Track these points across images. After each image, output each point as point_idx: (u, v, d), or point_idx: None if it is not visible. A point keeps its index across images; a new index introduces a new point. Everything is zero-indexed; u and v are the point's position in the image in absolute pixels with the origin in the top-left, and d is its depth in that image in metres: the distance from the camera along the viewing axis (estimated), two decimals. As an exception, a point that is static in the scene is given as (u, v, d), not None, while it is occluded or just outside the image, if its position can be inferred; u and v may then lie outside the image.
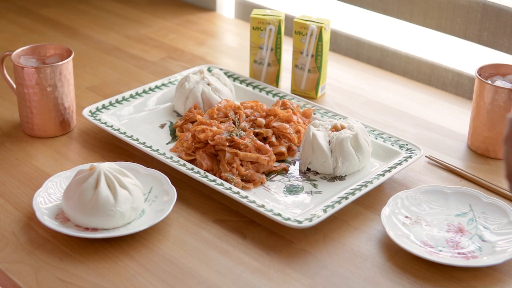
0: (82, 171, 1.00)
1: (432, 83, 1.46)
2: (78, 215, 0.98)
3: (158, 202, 1.04)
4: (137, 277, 0.93)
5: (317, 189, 1.10)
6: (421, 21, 1.44)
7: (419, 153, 1.14)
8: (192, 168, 1.10)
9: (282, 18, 1.36)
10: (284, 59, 1.45)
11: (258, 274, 0.94)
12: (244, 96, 1.34)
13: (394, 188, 1.11)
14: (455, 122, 1.31)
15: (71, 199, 0.98)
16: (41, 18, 1.74)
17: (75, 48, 1.55)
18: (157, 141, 1.21)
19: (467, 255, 0.96)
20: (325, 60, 1.36)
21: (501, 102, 1.15)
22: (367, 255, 0.97)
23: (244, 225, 1.03)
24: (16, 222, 1.02)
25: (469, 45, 1.41)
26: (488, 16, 1.34)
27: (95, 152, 1.19)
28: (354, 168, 1.12)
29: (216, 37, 1.69)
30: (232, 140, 1.13)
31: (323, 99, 1.38)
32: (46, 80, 1.19)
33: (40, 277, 0.92)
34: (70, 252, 0.97)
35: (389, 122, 1.30)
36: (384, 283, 0.93)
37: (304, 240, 1.00)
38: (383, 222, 1.00)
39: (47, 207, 1.02)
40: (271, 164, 1.13)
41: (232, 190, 1.05)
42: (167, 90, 1.34)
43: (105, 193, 0.97)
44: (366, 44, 1.55)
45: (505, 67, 1.21)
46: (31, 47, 1.24)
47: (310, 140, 1.12)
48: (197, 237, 1.00)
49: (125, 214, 0.98)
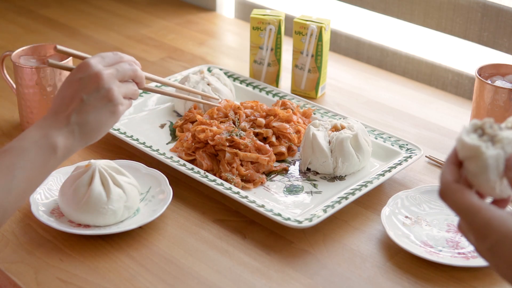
0: (79, 167, 1.01)
1: (432, 83, 1.46)
2: (71, 210, 0.99)
3: (154, 202, 1.04)
4: (137, 277, 0.93)
5: (317, 189, 1.10)
6: (421, 21, 1.44)
7: (419, 153, 1.14)
8: (192, 168, 1.10)
9: (282, 18, 1.36)
10: (284, 59, 1.45)
11: (258, 274, 0.94)
12: (244, 96, 1.34)
13: (394, 188, 1.11)
14: (455, 122, 1.31)
15: (65, 195, 0.99)
16: (41, 18, 1.74)
17: (75, 48, 1.55)
18: (157, 141, 1.21)
19: (467, 255, 0.96)
20: (325, 60, 1.36)
21: (501, 102, 1.15)
22: (367, 255, 0.97)
23: (244, 225, 1.03)
24: (16, 222, 1.02)
25: (469, 45, 1.41)
26: (488, 16, 1.34)
27: (95, 152, 1.19)
28: (354, 168, 1.12)
29: (216, 37, 1.69)
30: (232, 140, 1.13)
31: (323, 99, 1.38)
32: (46, 80, 1.19)
33: (40, 277, 0.92)
34: (70, 252, 0.97)
35: (389, 122, 1.30)
36: (384, 283, 0.93)
37: (304, 240, 1.00)
38: (383, 222, 1.00)
39: (45, 202, 1.03)
40: (271, 164, 1.13)
41: (232, 190, 1.06)
42: (167, 90, 1.34)
43: (98, 190, 0.98)
44: (366, 44, 1.55)
45: (505, 67, 1.21)
46: (31, 47, 1.24)
47: (310, 140, 1.12)
48: (197, 237, 1.00)
49: (117, 212, 0.99)
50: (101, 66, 0.92)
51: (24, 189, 0.85)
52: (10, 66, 1.36)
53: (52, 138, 0.87)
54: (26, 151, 0.85)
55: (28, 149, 0.85)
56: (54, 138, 0.87)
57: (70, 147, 0.89)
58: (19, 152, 0.85)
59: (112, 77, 0.92)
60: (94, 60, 0.92)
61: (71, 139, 0.89)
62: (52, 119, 0.89)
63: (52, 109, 0.91)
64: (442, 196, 0.72)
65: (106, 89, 0.91)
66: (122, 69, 0.94)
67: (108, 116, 0.92)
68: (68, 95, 0.90)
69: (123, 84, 0.94)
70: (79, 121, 0.89)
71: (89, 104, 0.90)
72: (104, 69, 0.91)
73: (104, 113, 0.91)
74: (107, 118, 0.92)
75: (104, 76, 0.91)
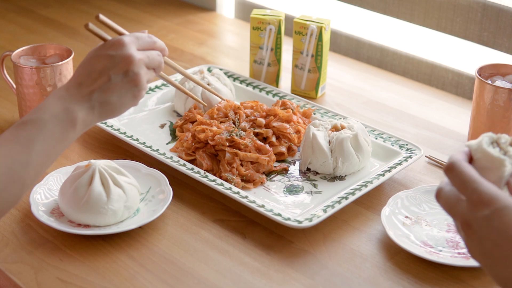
0: (79, 167, 1.01)
1: (432, 83, 1.46)
2: (71, 210, 0.99)
3: (154, 202, 1.04)
4: (137, 277, 0.93)
5: (317, 189, 1.10)
6: (421, 21, 1.44)
7: (419, 153, 1.14)
8: (192, 168, 1.10)
9: (282, 18, 1.36)
10: (284, 59, 1.45)
11: (258, 274, 0.94)
12: (244, 96, 1.34)
13: (394, 188, 1.11)
14: (455, 122, 1.31)
15: (65, 195, 0.99)
16: (41, 18, 1.74)
17: (75, 48, 1.55)
18: (157, 141, 1.21)
19: (467, 255, 0.96)
20: (325, 60, 1.36)
21: (501, 102, 1.15)
22: (367, 255, 0.98)
23: (244, 225, 1.03)
24: (16, 222, 1.02)
25: (469, 45, 1.41)
26: (488, 16, 1.34)
27: (95, 152, 1.19)
28: (354, 168, 1.12)
29: (216, 37, 1.69)
30: (232, 140, 1.13)
31: (323, 99, 1.38)
32: (46, 80, 1.19)
33: (40, 277, 0.92)
34: (70, 252, 0.97)
35: (389, 122, 1.30)
36: (384, 283, 0.93)
37: (304, 240, 1.00)
38: (383, 222, 1.00)
39: (45, 202, 1.03)
40: (271, 164, 1.13)
41: (232, 190, 1.06)
42: (167, 90, 1.34)
43: (98, 190, 0.98)
44: (366, 44, 1.55)
45: (505, 67, 1.21)
46: (31, 47, 1.24)
47: (310, 140, 1.12)
48: (197, 237, 1.00)
49: (117, 212, 0.99)
50: (135, 49, 0.92)
51: (43, 162, 0.85)
52: (10, 66, 1.36)
53: (72, 113, 0.88)
54: (45, 124, 0.85)
55: (48, 122, 0.86)
56: (75, 113, 0.88)
57: (88, 122, 0.90)
58: (38, 125, 0.85)
59: (142, 63, 0.92)
60: (129, 40, 0.92)
61: (91, 115, 0.90)
62: (74, 91, 0.89)
63: (76, 80, 0.90)
64: (448, 169, 0.74)
65: (135, 73, 0.91)
66: (152, 58, 0.94)
67: (130, 99, 0.93)
68: (97, 69, 0.90)
69: (148, 70, 0.94)
70: (101, 99, 0.90)
71: (115, 84, 0.90)
72: (136, 53, 0.92)
73: (127, 96, 0.92)
74: (128, 100, 0.93)
75: (136, 61, 0.91)
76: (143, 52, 0.93)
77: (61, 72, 1.20)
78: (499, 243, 0.70)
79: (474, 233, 0.72)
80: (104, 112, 0.91)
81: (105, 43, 0.93)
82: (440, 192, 0.76)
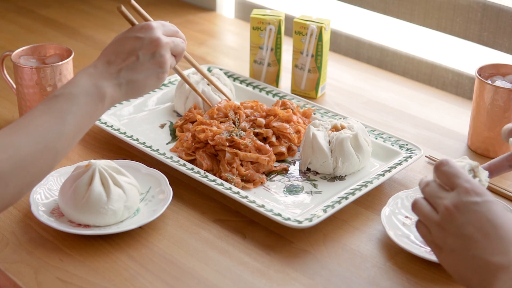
0: (79, 167, 1.01)
1: (432, 83, 1.46)
2: (71, 210, 0.99)
3: (154, 202, 1.04)
4: (137, 277, 0.93)
5: (317, 189, 1.10)
6: (421, 21, 1.44)
7: (419, 153, 1.14)
8: (192, 168, 1.10)
9: (282, 18, 1.36)
10: (284, 59, 1.45)
11: (258, 274, 0.94)
12: (244, 96, 1.34)
13: (394, 188, 1.11)
14: (455, 122, 1.31)
15: (65, 195, 0.99)
16: (41, 18, 1.74)
17: (75, 48, 1.55)
18: (157, 141, 1.21)
19: (467, 255, 0.96)
20: (325, 60, 1.36)
21: (501, 102, 1.15)
22: (367, 255, 0.98)
23: (244, 225, 1.03)
24: (16, 222, 1.02)
25: (469, 45, 1.41)
26: (488, 16, 1.34)
27: (95, 152, 1.19)
28: (354, 168, 1.12)
29: (216, 37, 1.69)
30: (232, 140, 1.13)
31: (323, 99, 1.38)
32: (46, 80, 1.19)
33: (40, 277, 0.92)
34: (70, 252, 0.97)
35: (389, 122, 1.30)
36: (384, 283, 0.93)
37: (304, 240, 1.00)
38: (383, 222, 1.00)
39: (45, 202, 1.03)
40: (271, 164, 1.13)
41: (232, 190, 1.06)
42: (167, 90, 1.34)
43: (98, 190, 0.98)
44: (366, 44, 1.55)
45: (505, 67, 1.21)
46: (31, 47, 1.24)
47: (310, 140, 1.12)
48: (197, 237, 1.00)
49: (117, 212, 0.99)
50: (161, 33, 0.99)
51: (74, 134, 0.90)
52: (10, 66, 1.36)
53: (101, 88, 0.93)
54: (76, 98, 0.90)
55: (79, 96, 0.91)
56: (104, 88, 0.93)
57: (115, 98, 0.96)
58: (70, 98, 0.90)
59: (168, 46, 1.00)
60: (157, 25, 1.00)
61: (118, 92, 0.96)
62: (103, 69, 0.95)
63: (105, 58, 0.97)
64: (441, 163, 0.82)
65: (162, 55, 0.98)
66: (177, 43, 1.02)
67: (154, 80, 0.99)
68: (126, 50, 0.97)
69: (171, 56, 1.01)
70: (129, 78, 0.96)
71: (142, 64, 0.97)
72: (163, 37, 0.99)
73: (152, 76, 0.99)
74: (153, 81, 0.99)
75: (163, 43, 0.98)
76: (169, 38, 1.01)
77: (61, 72, 1.20)
78: (482, 229, 0.76)
79: (459, 217, 0.77)
80: (130, 90, 0.97)
81: (133, 27, 1.01)
82: (427, 186, 0.83)
